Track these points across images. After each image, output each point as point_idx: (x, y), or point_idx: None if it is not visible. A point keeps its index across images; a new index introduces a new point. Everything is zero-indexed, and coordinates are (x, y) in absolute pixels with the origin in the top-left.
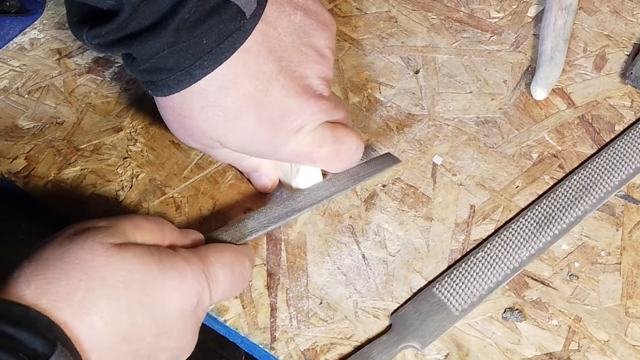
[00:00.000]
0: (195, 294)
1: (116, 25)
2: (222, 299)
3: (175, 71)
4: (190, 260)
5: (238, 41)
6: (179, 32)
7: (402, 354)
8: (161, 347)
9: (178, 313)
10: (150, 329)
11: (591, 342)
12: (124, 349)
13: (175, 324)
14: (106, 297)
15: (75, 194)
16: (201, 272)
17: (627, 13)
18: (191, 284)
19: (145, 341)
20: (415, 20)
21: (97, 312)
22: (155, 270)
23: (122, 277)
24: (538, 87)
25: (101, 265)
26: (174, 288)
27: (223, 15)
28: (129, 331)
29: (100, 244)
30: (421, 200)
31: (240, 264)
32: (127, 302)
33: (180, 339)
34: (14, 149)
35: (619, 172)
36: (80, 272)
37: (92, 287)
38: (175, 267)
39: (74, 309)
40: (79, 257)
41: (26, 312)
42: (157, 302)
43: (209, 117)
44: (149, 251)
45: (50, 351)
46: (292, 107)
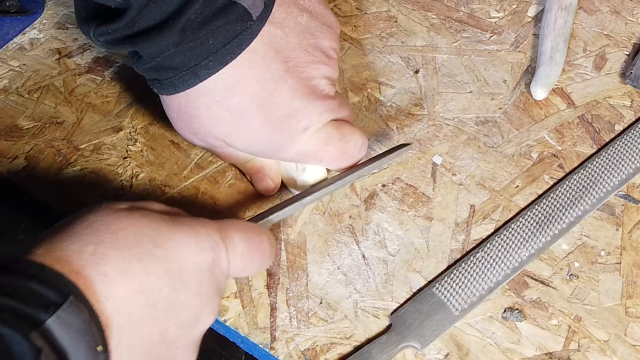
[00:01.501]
0: (210, 249)
1: (123, 24)
2: (244, 270)
3: (180, 70)
4: (203, 221)
5: (244, 42)
6: (185, 32)
7: (402, 353)
8: (180, 302)
9: (194, 266)
10: (166, 280)
11: (591, 342)
12: (140, 300)
13: (192, 278)
14: (117, 249)
15: (75, 194)
16: (215, 230)
17: (627, 13)
18: (205, 238)
19: (162, 293)
20: (415, 20)
21: (109, 262)
22: (166, 226)
23: (132, 232)
24: (538, 87)
25: (110, 223)
26: (187, 241)
27: (229, 17)
28: (144, 281)
29: (109, 208)
30: (421, 200)
31: (257, 234)
32: (139, 253)
33: (199, 296)
34: (13, 149)
35: (619, 172)
36: (89, 230)
37: (102, 241)
38: (187, 224)
39: (86, 261)
40: (88, 219)
41: (41, 269)
42: (170, 254)
43: (214, 116)
44: (159, 214)
45: (62, 300)
46: (298, 107)
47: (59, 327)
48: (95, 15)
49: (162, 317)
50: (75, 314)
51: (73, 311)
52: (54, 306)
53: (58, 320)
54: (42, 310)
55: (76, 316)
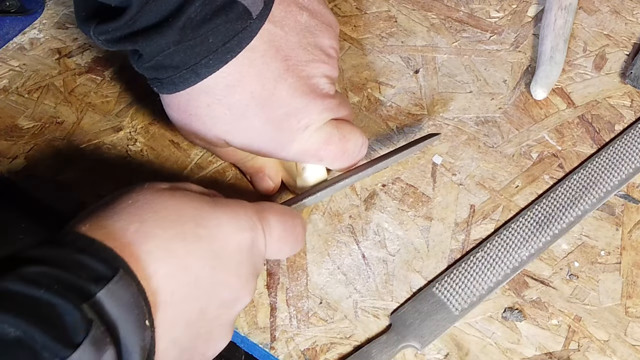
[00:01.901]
0: (249, 230)
1: (123, 22)
2: (279, 252)
3: (180, 69)
4: (242, 203)
5: (244, 41)
6: (185, 31)
7: (402, 353)
8: (220, 281)
9: (234, 246)
10: (207, 259)
11: (591, 342)
12: (183, 279)
13: (232, 257)
14: (161, 227)
15: (75, 194)
16: (253, 212)
17: (627, 13)
18: (244, 219)
19: (203, 271)
20: (415, 20)
21: (153, 240)
22: (207, 206)
23: (174, 211)
24: (538, 87)
25: (153, 201)
26: (227, 221)
27: (229, 15)
28: (186, 259)
29: (151, 187)
30: (421, 199)
31: (292, 217)
32: (182, 231)
33: (238, 276)
34: (13, 149)
35: (619, 172)
36: (132, 208)
37: (145, 219)
38: (227, 205)
39: (129, 238)
40: (130, 197)
41: (91, 243)
42: (211, 234)
43: (215, 114)
44: (199, 194)
45: (112, 274)
46: (298, 106)
47: (109, 300)
48: (95, 14)
49: (203, 296)
50: (125, 288)
51: (123, 285)
52: (104, 279)
53: (108, 293)
54: (93, 283)
55: (125, 290)
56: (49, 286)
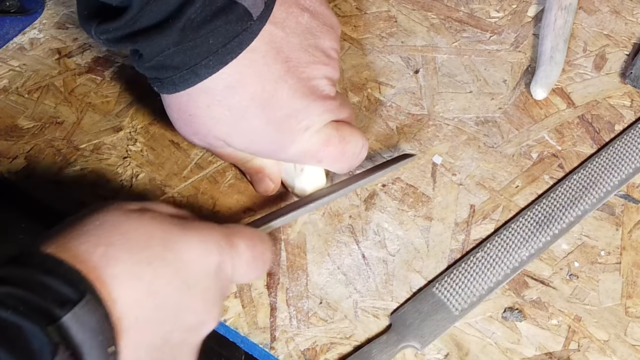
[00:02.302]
0: (217, 254)
1: (124, 22)
2: (246, 276)
3: (181, 69)
4: (210, 226)
5: (244, 42)
6: (185, 32)
7: (402, 353)
8: (186, 306)
9: (200, 271)
10: (174, 284)
11: (591, 342)
12: (148, 303)
13: (199, 283)
14: (127, 251)
15: (75, 194)
16: (222, 236)
17: (627, 13)
18: (212, 244)
19: (169, 297)
20: (415, 20)
21: (119, 264)
22: (175, 229)
23: (142, 234)
24: (538, 87)
25: (121, 224)
26: (195, 246)
27: (230, 16)
28: (152, 284)
29: (119, 208)
30: (421, 199)
31: (261, 241)
32: (148, 256)
33: (205, 301)
34: (13, 149)
35: (619, 172)
36: (99, 230)
37: (112, 242)
38: (196, 228)
39: (95, 262)
40: (98, 219)
41: (59, 264)
42: (178, 258)
43: (214, 115)
44: (169, 215)
45: (79, 298)
46: (299, 107)
47: (74, 324)
48: (97, 14)
49: (168, 321)
50: (91, 312)
51: (89, 309)
52: (70, 303)
53: (74, 318)
54: (59, 306)
55: (91, 315)
56: (15, 308)
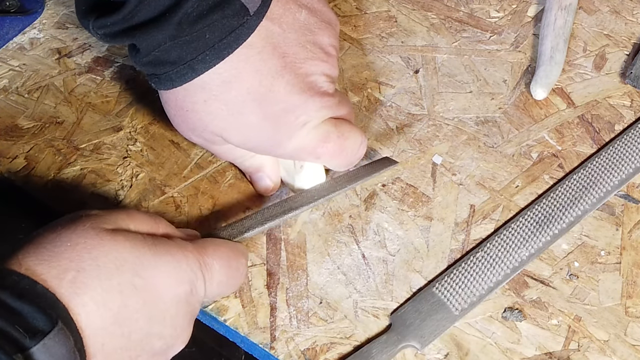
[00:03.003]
0: (188, 281)
1: (121, 17)
2: (218, 294)
3: (177, 64)
4: (184, 247)
5: (241, 37)
6: (181, 26)
7: (402, 353)
8: (154, 333)
9: (171, 298)
10: (143, 312)
11: (591, 342)
12: (116, 331)
13: (168, 309)
14: (97, 277)
15: (75, 194)
16: (195, 259)
17: (627, 13)
18: (185, 269)
19: (137, 324)
20: (415, 20)
21: (88, 291)
22: (148, 253)
23: (114, 259)
24: (538, 87)
25: (92, 247)
26: (167, 272)
27: (226, 11)
28: (121, 313)
29: (92, 228)
30: (421, 199)
31: (236, 258)
32: (118, 283)
33: (174, 327)
34: (13, 149)
35: (619, 172)
36: (71, 253)
37: (83, 268)
38: (169, 252)
39: (65, 288)
40: (70, 240)
41: (33, 286)
42: (149, 285)
43: (211, 111)
44: (142, 237)
45: (50, 327)
46: (296, 103)
47: (43, 355)
48: (95, 8)
49: (135, 347)
50: (61, 343)
51: (59, 340)
52: (40, 333)
53: (43, 349)
54: (29, 336)
55: (62, 345)
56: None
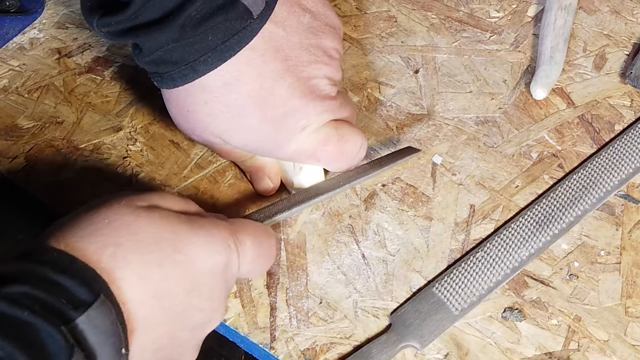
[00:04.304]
0: (224, 253)
1: (126, 17)
2: (251, 272)
3: (180, 65)
4: (217, 224)
5: (244, 40)
6: (184, 28)
7: (402, 353)
8: (193, 306)
9: (208, 271)
10: (182, 285)
11: (591, 342)
12: (156, 304)
13: (206, 283)
14: (137, 252)
15: (75, 194)
16: (229, 235)
17: (627, 13)
18: (220, 243)
19: (177, 298)
20: (415, 20)
21: (128, 266)
22: (184, 228)
23: (151, 234)
24: (538, 87)
25: (130, 223)
26: (203, 246)
27: (229, 14)
28: (161, 286)
29: (128, 206)
30: (421, 199)
31: (267, 237)
32: (157, 257)
33: (211, 300)
34: (13, 149)
35: (619, 172)
36: (109, 229)
37: (121, 243)
38: (204, 227)
39: (105, 263)
40: (107, 217)
41: (73, 261)
42: (187, 259)
43: (212, 112)
44: (176, 213)
45: (93, 300)
46: (297, 106)
47: (88, 326)
48: (100, 6)
49: (175, 321)
50: (104, 314)
51: (102, 311)
52: (84, 305)
53: (87, 320)
54: (73, 308)
55: (105, 317)
56: (31, 308)
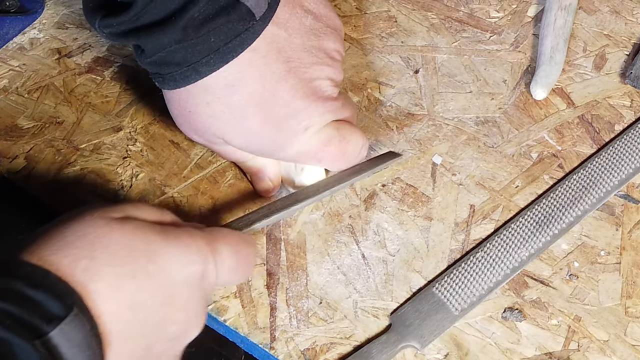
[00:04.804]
0: (200, 263)
1: (128, 18)
2: (230, 282)
3: (182, 66)
4: (193, 233)
5: (246, 41)
6: (187, 30)
7: (402, 353)
8: (169, 318)
9: (183, 282)
10: (157, 297)
11: (591, 342)
12: (131, 317)
13: (181, 294)
14: (110, 264)
15: (75, 194)
16: (205, 244)
17: (627, 13)
18: (195, 253)
19: (152, 309)
20: (415, 20)
21: (102, 278)
22: (158, 239)
23: (125, 246)
24: (538, 87)
25: (103, 235)
26: (177, 256)
27: (232, 16)
28: (136, 298)
29: (101, 218)
30: (421, 199)
31: (245, 246)
32: (131, 269)
33: (187, 312)
34: (13, 149)
35: (619, 172)
36: (82, 242)
37: (95, 256)
38: (179, 237)
39: (78, 277)
40: (80, 230)
41: (46, 275)
42: (162, 270)
43: (214, 113)
44: (150, 224)
45: (66, 313)
46: (299, 108)
47: (62, 340)
48: (102, 7)
49: (151, 333)
50: (78, 328)
51: (76, 325)
52: (57, 319)
53: (61, 334)
54: (46, 322)
55: (78, 331)
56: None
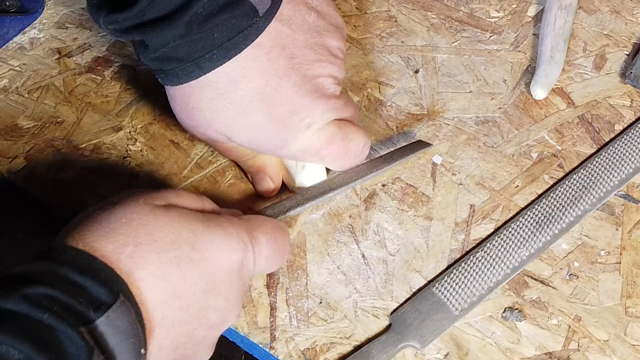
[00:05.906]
0: (240, 252)
1: (133, 14)
2: (266, 269)
3: (185, 62)
4: (233, 221)
5: (249, 37)
6: (191, 25)
7: (402, 353)
8: (210, 305)
9: (225, 270)
10: (200, 285)
11: (591, 342)
12: (174, 304)
13: (223, 282)
14: (155, 251)
15: (75, 194)
16: (245, 233)
17: (627, 12)
18: (236, 241)
19: (194, 297)
20: (415, 20)
21: (147, 265)
22: (201, 227)
23: (169, 233)
24: (538, 87)
25: (148, 222)
26: (220, 244)
27: (235, 12)
28: (179, 285)
29: (146, 204)
30: (421, 199)
31: (281, 233)
32: (175, 256)
33: (227, 299)
34: (13, 149)
35: (619, 172)
36: (127, 229)
37: (140, 242)
38: (220, 225)
39: (123, 263)
40: (125, 216)
41: (92, 261)
42: (205, 258)
43: (217, 109)
44: (194, 212)
45: (112, 300)
46: (302, 104)
47: (107, 327)
48: (106, 3)
49: (192, 320)
50: (124, 315)
51: (122, 312)
52: (104, 306)
53: (107, 321)
54: (93, 309)
55: (124, 318)
56: (51, 309)
